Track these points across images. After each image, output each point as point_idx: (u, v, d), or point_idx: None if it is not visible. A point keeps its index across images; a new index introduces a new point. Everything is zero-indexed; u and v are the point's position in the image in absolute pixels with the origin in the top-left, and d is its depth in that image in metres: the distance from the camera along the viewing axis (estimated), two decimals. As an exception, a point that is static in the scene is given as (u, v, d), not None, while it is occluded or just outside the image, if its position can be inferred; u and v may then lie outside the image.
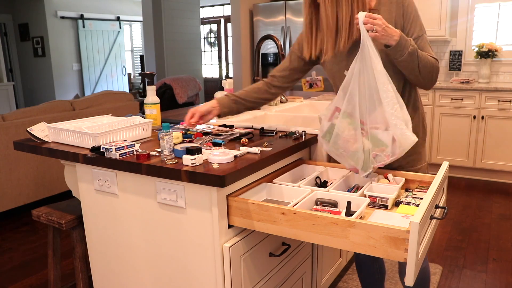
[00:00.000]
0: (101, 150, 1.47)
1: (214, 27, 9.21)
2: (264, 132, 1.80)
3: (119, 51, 8.66)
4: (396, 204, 1.36)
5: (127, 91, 8.79)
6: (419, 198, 1.37)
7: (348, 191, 1.45)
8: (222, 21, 9.04)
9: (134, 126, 1.68)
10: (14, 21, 7.70)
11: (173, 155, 1.41)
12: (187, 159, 1.31)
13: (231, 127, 1.88)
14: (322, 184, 1.56)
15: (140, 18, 8.53)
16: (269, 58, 5.23)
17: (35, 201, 3.58)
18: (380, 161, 1.39)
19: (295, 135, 1.70)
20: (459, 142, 4.22)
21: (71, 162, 1.63)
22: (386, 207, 1.33)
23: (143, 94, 7.56)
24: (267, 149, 1.52)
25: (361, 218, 1.24)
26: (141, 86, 8.72)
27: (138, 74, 9.29)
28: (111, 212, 1.57)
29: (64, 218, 1.78)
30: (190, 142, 1.60)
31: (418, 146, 1.60)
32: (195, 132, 1.72)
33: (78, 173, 1.63)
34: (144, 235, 1.50)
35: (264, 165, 1.44)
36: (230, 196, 1.33)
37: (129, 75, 9.07)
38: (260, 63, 4.37)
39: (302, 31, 1.64)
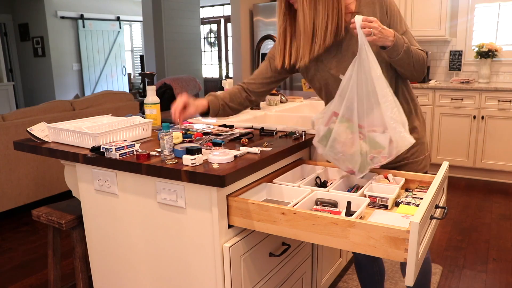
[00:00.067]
0: (101, 150, 1.47)
1: (214, 27, 9.21)
2: (264, 132, 1.80)
3: (119, 51, 8.66)
4: (396, 204, 1.36)
5: (127, 91, 8.79)
6: (419, 198, 1.37)
7: (348, 191, 1.45)
8: (222, 21, 9.05)
9: (134, 126, 1.68)
10: (14, 21, 7.70)
11: (173, 155, 1.41)
12: (187, 159, 1.31)
13: (231, 127, 1.88)
14: (322, 184, 1.56)
15: (140, 18, 8.53)
16: (269, 58, 5.22)
17: (35, 201, 3.58)
18: (377, 162, 1.41)
19: (295, 135, 1.70)
20: (459, 142, 4.22)
21: (71, 162, 1.63)
22: (386, 207, 1.33)
23: (143, 94, 7.56)
24: (267, 149, 1.52)
25: (361, 218, 1.24)
26: (141, 86, 8.72)
27: (138, 74, 9.29)
28: (111, 212, 1.57)
29: (64, 218, 1.78)
30: (190, 142, 1.60)
31: (421, 136, 1.61)
32: (195, 132, 1.72)
33: (78, 173, 1.63)
34: (144, 235, 1.50)
35: (264, 165, 1.44)
36: (230, 196, 1.33)
37: (129, 75, 9.07)
38: (260, 63, 4.37)
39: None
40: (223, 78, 8.93)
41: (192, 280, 1.43)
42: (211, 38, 9.32)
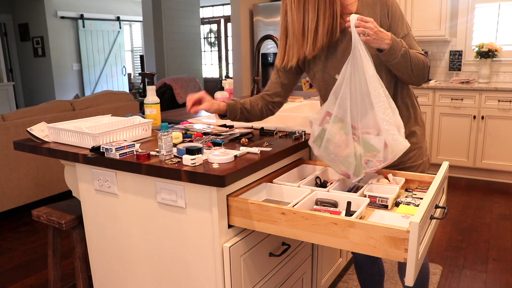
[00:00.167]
0: (101, 150, 1.47)
1: (214, 27, 9.21)
2: (264, 132, 1.80)
3: (119, 51, 8.66)
4: (396, 204, 1.36)
5: (127, 91, 8.79)
6: (419, 198, 1.37)
7: (348, 191, 1.45)
8: (222, 21, 9.04)
9: (134, 126, 1.68)
10: (14, 21, 7.70)
11: (171, 155, 1.41)
12: (187, 159, 1.31)
13: (231, 127, 1.88)
14: (322, 184, 1.56)
15: (140, 18, 8.53)
16: (269, 58, 5.22)
17: (35, 201, 3.58)
18: (372, 166, 1.38)
19: (295, 135, 1.70)
20: (459, 142, 4.22)
21: (71, 162, 1.63)
22: (386, 207, 1.33)
23: (143, 94, 7.56)
24: (267, 149, 1.52)
25: (361, 218, 1.24)
26: (141, 86, 8.72)
27: (138, 74, 9.29)
28: (111, 212, 1.57)
29: (64, 218, 1.78)
30: (190, 142, 1.60)
31: (419, 141, 1.60)
32: (195, 132, 1.72)
33: (78, 173, 1.63)
34: (144, 235, 1.50)
35: (264, 165, 1.44)
36: (230, 196, 1.33)
37: (129, 75, 9.07)
38: (260, 63, 4.36)
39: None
40: (223, 78, 8.93)
41: (192, 280, 1.43)
42: (211, 38, 9.32)
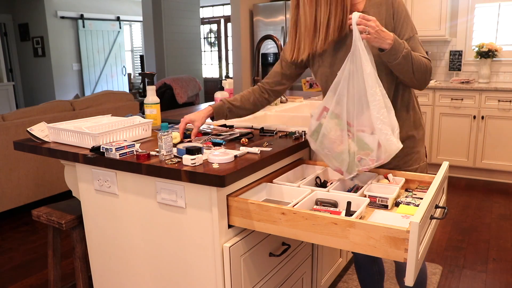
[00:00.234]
0: (101, 150, 1.47)
1: (214, 27, 9.21)
2: (264, 132, 1.80)
3: (119, 51, 8.66)
4: (396, 204, 1.36)
5: (127, 91, 8.79)
6: (419, 198, 1.37)
7: (348, 191, 1.45)
8: (222, 21, 9.04)
9: (134, 126, 1.68)
10: (14, 21, 7.70)
11: (171, 155, 1.41)
12: (187, 159, 1.31)
13: (231, 127, 1.88)
14: (322, 184, 1.56)
15: (140, 18, 8.53)
16: (269, 58, 5.22)
17: (35, 201, 3.58)
18: (365, 165, 1.38)
19: (295, 135, 1.70)
20: (459, 142, 4.22)
21: (71, 162, 1.63)
22: (386, 207, 1.33)
23: (143, 94, 7.56)
24: (267, 149, 1.52)
25: (361, 218, 1.24)
26: (141, 86, 8.71)
27: (138, 74, 9.29)
28: (111, 212, 1.57)
29: (64, 218, 1.78)
30: (190, 142, 1.60)
31: (417, 146, 1.59)
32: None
33: (78, 173, 1.63)
34: (144, 235, 1.50)
35: (264, 165, 1.44)
36: (230, 196, 1.33)
37: (129, 75, 9.07)
38: (260, 63, 4.37)
39: None
40: (223, 78, 8.93)
41: (192, 280, 1.43)
42: (211, 38, 9.32)
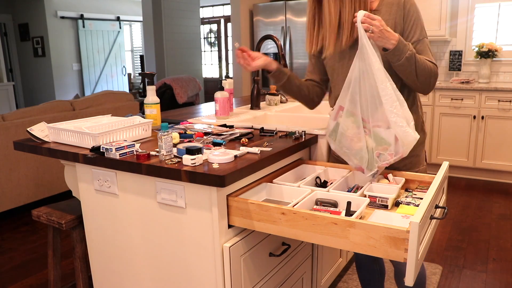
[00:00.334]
0: (101, 150, 1.47)
1: (214, 27, 9.21)
2: (264, 132, 1.80)
3: (119, 51, 8.66)
4: (396, 204, 1.36)
5: (127, 91, 8.80)
6: (419, 198, 1.37)
7: (348, 191, 1.45)
8: (222, 21, 9.04)
9: (134, 126, 1.68)
10: (14, 21, 7.70)
11: (171, 155, 1.41)
12: (187, 159, 1.31)
13: (231, 127, 1.89)
14: (322, 184, 1.56)
15: (140, 18, 8.53)
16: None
17: (35, 201, 3.58)
18: (384, 160, 1.39)
19: (295, 135, 1.70)
20: (459, 142, 4.22)
21: (71, 162, 1.63)
22: (386, 207, 1.33)
23: (143, 94, 7.56)
24: (267, 149, 1.52)
25: (361, 218, 1.24)
26: (141, 86, 8.72)
27: (138, 74, 9.29)
28: (111, 212, 1.57)
29: (64, 218, 1.78)
30: (190, 142, 1.60)
31: (417, 149, 1.59)
32: (196, 132, 1.72)
33: (78, 173, 1.63)
34: (144, 235, 1.50)
35: (264, 165, 1.44)
36: (230, 196, 1.33)
37: (129, 75, 9.07)
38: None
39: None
40: (223, 78, 8.93)
41: (192, 280, 1.43)
42: (211, 38, 9.32)
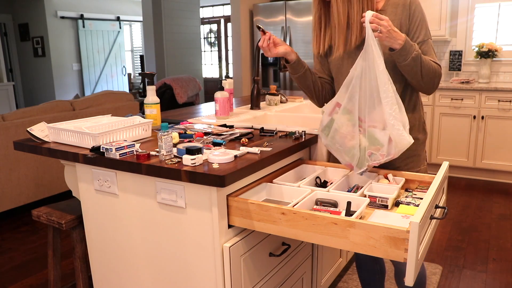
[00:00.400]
0: (101, 150, 1.47)
1: (214, 27, 9.21)
2: (264, 132, 1.80)
3: (119, 51, 8.66)
4: (396, 204, 1.36)
5: (127, 91, 8.79)
6: (419, 198, 1.37)
7: (348, 191, 1.45)
8: (222, 21, 9.04)
9: (134, 126, 1.68)
10: (14, 21, 7.70)
11: (171, 155, 1.41)
12: (187, 159, 1.31)
13: (231, 127, 1.89)
14: (322, 184, 1.56)
15: (140, 18, 8.53)
16: (269, 58, 5.22)
17: (35, 201, 3.58)
18: (375, 160, 1.40)
19: (295, 135, 1.70)
20: (459, 142, 4.22)
21: (71, 162, 1.63)
22: (386, 207, 1.33)
23: (143, 94, 7.56)
24: (267, 149, 1.52)
25: (361, 218, 1.24)
26: (141, 86, 8.72)
27: (138, 74, 9.29)
28: (111, 212, 1.57)
29: (64, 218, 1.78)
30: (190, 142, 1.60)
31: (418, 149, 1.59)
32: (196, 132, 1.72)
33: (78, 173, 1.63)
34: (144, 235, 1.50)
35: (264, 165, 1.44)
36: (230, 196, 1.33)
37: (129, 75, 9.07)
38: (260, 63, 4.37)
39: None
40: (223, 78, 8.93)
41: (192, 280, 1.43)
42: (211, 38, 9.32)
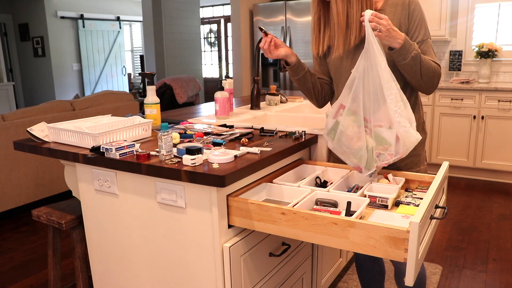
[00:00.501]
0: (101, 150, 1.47)
1: (214, 27, 9.21)
2: (264, 132, 1.80)
3: (119, 51, 8.66)
4: (396, 204, 1.36)
5: (127, 91, 8.79)
6: (419, 198, 1.37)
7: (348, 191, 1.45)
8: (222, 21, 9.04)
9: (134, 126, 1.68)
10: (14, 21, 7.70)
11: (171, 155, 1.41)
12: (187, 159, 1.31)
13: (231, 127, 1.89)
14: (322, 184, 1.56)
15: (140, 18, 8.53)
16: (269, 59, 5.21)
17: (35, 201, 3.58)
18: (384, 160, 1.39)
19: (295, 135, 1.70)
20: (459, 142, 4.22)
21: (71, 162, 1.63)
22: (386, 207, 1.33)
23: (143, 94, 7.56)
24: (267, 149, 1.52)
25: (361, 218, 1.24)
26: (141, 86, 8.72)
27: (138, 74, 9.29)
28: (111, 212, 1.57)
29: (64, 218, 1.78)
30: (190, 142, 1.60)
31: (418, 149, 1.60)
32: (196, 132, 1.72)
33: (78, 173, 1.63)
34: (144, 235, 1.50)
35: (264, 165, 1.44)
36: (230, 196, 1.33)
37: (129, 75, 9.07)
38: (260, 63, 4.36)
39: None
40: (223, 78, 8.93)
41: (192, 280, 1.43)
42: (211, 38, 9.32)
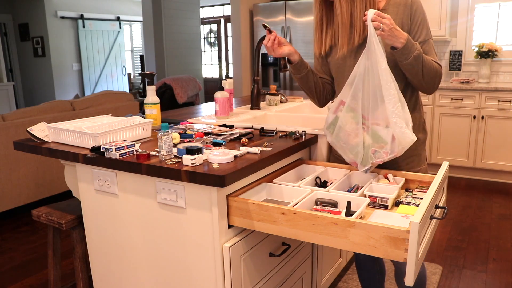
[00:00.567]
0: (101, 150, 1.47)
1: (214, 27, 9.21)
2: (264, 132, 1.80)
3: (119, 51, 8.66)
4: (396, 204, 1.36)
5: (127, 91, 8.79)
6: (419, 198, 1.37)
7: (348, 191, 1.45)
8: (222, 21, 9.04)
9: (134, 126, 1.68)
10: (14, 21, 7.70)
11: (171, 155, 1.41)
12: (187, 159, 1.31)
13: (231, 127, 1.89)
14: (322, 184, 1.56)
15: (140, 18, 8.53)
16: (269, 58, 5.22)
17: (35, 201, 3.58)
18: (379, 157, 1.41)
19: (295, 135, 1.70)
20: (459, 142, 4.22)
21: (71, 162, 1.63)
22: (386, 207, 1.33)
23: (143, 94, 7.56)
24: (267, 149, 1.52)
25: (361, 218, 1.24)
26: (141, 86, 8.72)
27: (138, 74, 9.29)
28: (111, 212, 1.57)
29: (64, 218, 1.78)
30: (190, 142, 1.59)
31: (418, 148, 1.60)
32: (196, 132, 1.72)
33: (78, 173, 1.63)
34: (144, 235, 1.50)
35: (264, 165, 1.44)
36: (230, 196, 1.33)
37: (129, 75, 9.07)
38: (260, 63, 4.36)
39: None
40: (223, 78, 8.93)
41: (192, 280, 1.43)
42: (211, 38, 9.32)
